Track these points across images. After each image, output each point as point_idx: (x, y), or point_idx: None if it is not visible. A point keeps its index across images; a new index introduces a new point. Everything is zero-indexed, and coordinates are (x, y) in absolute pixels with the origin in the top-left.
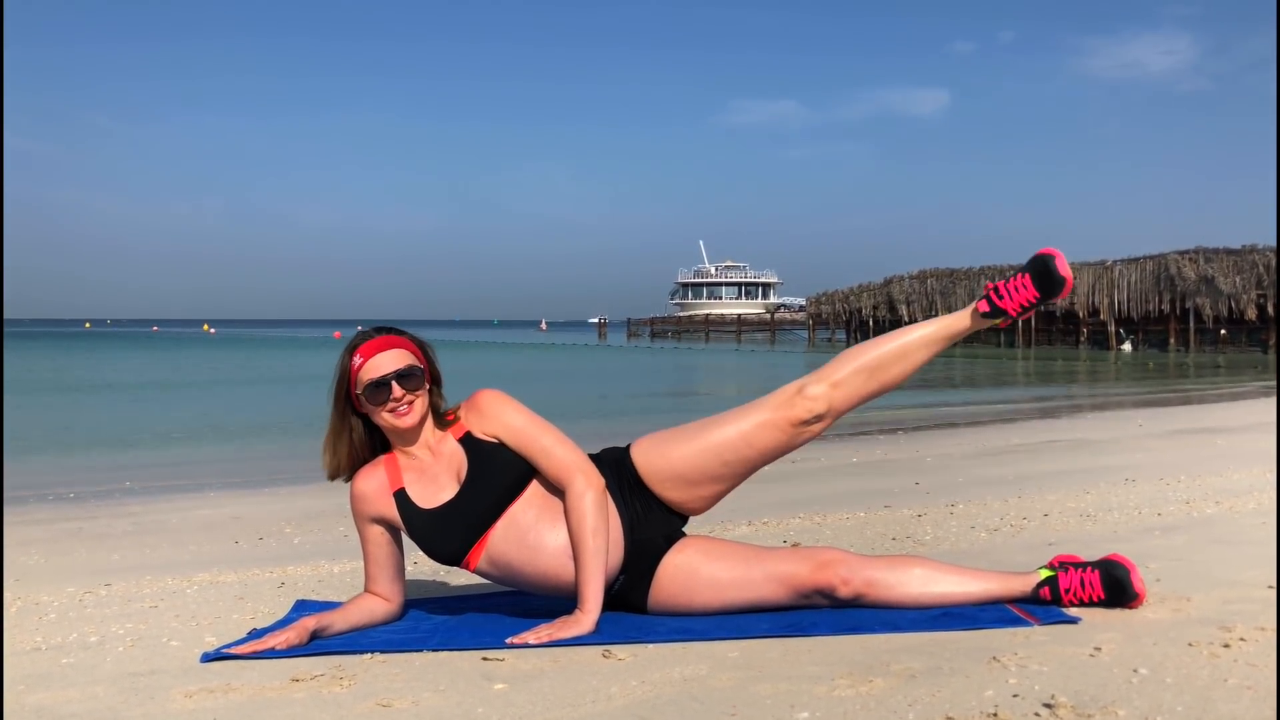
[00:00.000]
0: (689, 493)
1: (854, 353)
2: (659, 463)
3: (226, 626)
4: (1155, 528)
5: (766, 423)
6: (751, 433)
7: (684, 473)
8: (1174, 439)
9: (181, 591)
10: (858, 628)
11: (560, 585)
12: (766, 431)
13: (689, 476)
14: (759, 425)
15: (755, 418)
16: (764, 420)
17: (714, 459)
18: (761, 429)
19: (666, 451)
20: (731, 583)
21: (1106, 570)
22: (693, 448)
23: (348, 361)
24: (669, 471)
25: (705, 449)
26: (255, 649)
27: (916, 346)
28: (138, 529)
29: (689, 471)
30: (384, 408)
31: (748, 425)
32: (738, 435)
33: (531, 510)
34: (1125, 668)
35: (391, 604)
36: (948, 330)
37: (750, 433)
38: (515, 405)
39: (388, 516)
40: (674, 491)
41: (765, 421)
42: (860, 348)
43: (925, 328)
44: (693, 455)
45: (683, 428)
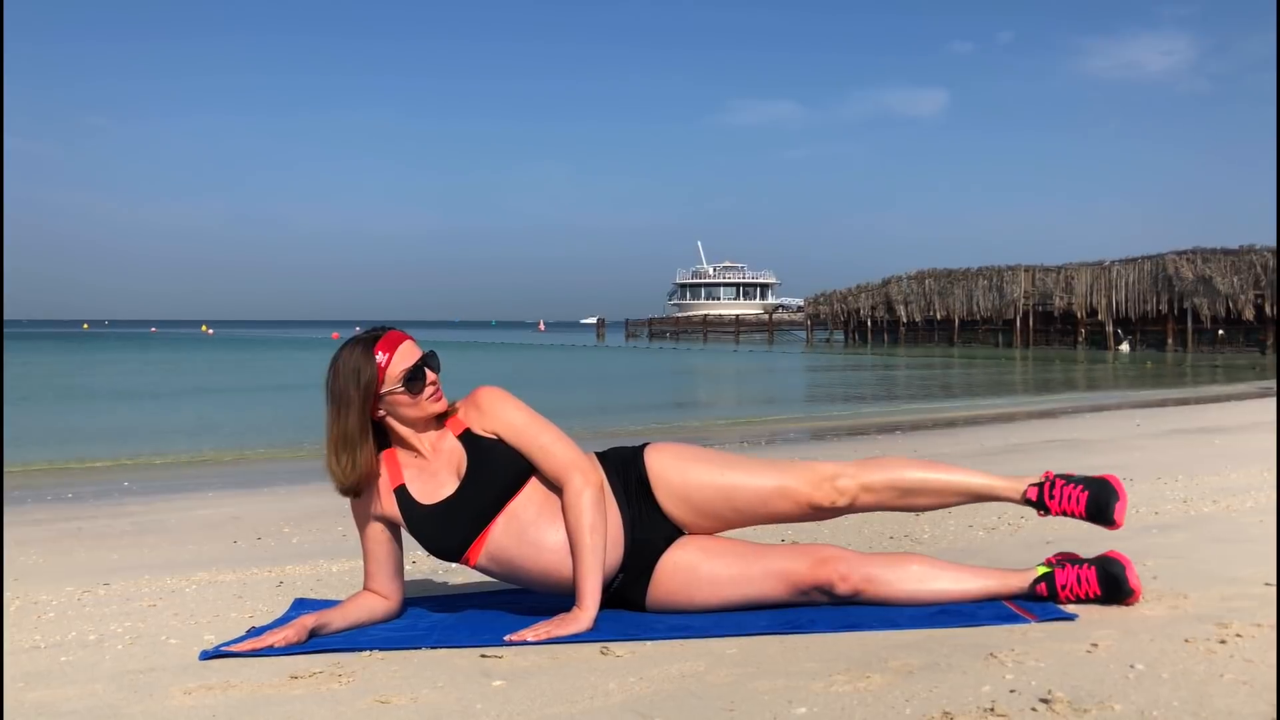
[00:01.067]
0: (689, 516)
1: (896, 465)
2: (674, 478)
3: (225, 625)
4: (1153, 526)
5: (788, 492)
6: (770, 495)
7: (693, 499)
8: (1171, 438)
9: (180, 590)
10: (856, 624)
11: (560, 582)
12: (783, 501)
13: (697, 505)
14: (779, 491)
15: (779, 481)
16: (786, 489)
17: (725, 502)
18: (780, 496)
19: (684, 470)
20: (730, 580)
21: (1103, 567)
22: (709, 480)
23: (369, 362)
24: (680, 490)
25: (721, 488)
26: (254, 647)
27: (954, 490)
28: (136, 528)
29: (698, 501)
30: (423, 395)
31: (769, 485)
32: (755, 491)
33: (532, 507)
34: (1122, 663)
35: (390, 602)
36: (990, 492)
37: (769, 495)
38: (515, 402)
39: (388, 513)
40: (676, 508)
41: (787, 490)
42: (904, 464)
43: (971, 478)
44: (707, 487)
45: (706, 454)
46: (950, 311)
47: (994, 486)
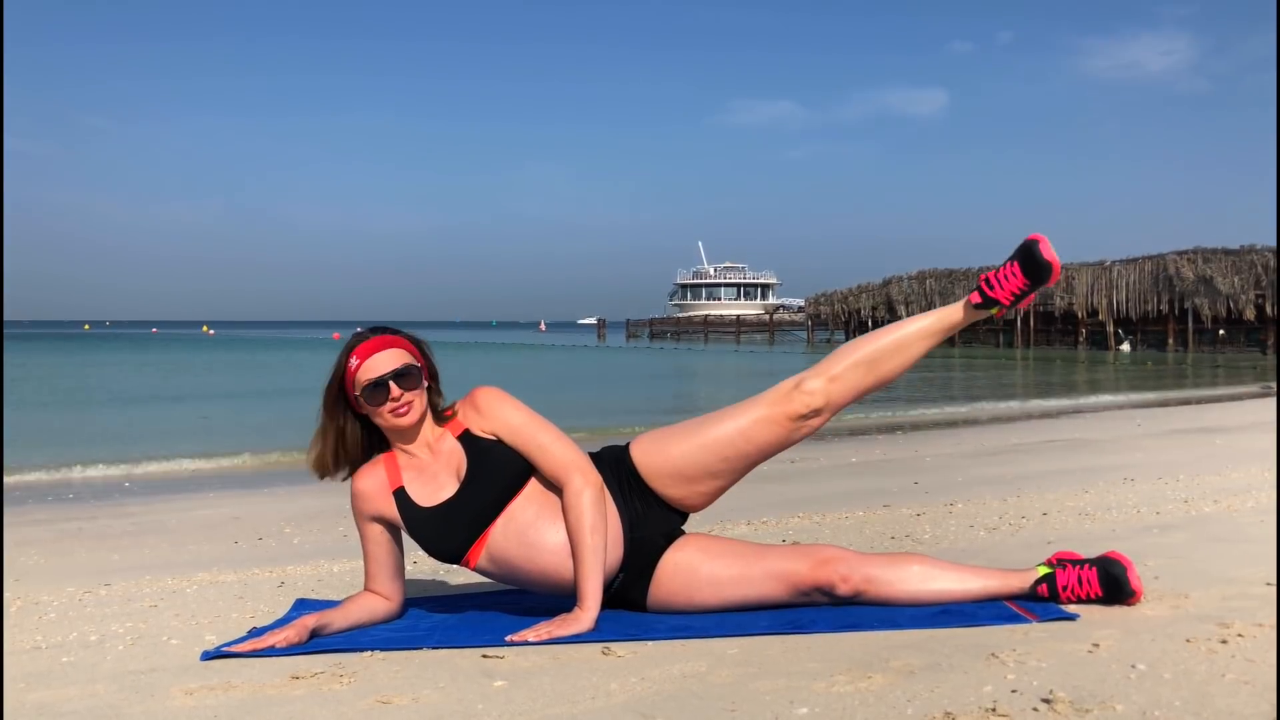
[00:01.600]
0: (688, 489)
1: (850, 347)
2: (658, 460)
3: (226, 625)
4: (1154, 526)
5: (764, 418)
6: (750, 429)
7: (683, 469)
8: (1172, 438)
9: (181, 591)
10: (857, 625)
11: (560, 583)
12: (764, 427)
13: (688, 473)
14: (757, 421)
15: (753, 414)
16: (762, 416)
17: (713, 455)
18: (759, 425)
19: (665, 449)
20: (731, 580)
21: (1104, 567)
22: (691, 444)
23: (345, 363)
24: (668, 468)
25: (704, 445)
26: (255, 647)
27: (913, 339)
28: (137, 529)
29: (688, 468)
30: (384, 408)
31: (746, 421)
32: (736, 431)
33: (531, 507)
34: (1123, 663)
35: (391, 602)
36: (943, 322)
37: (748, 429)
38: (514, 403)
39: (387, 515)
40: (673, 488)
41: (763, 417)
42: (857, 342)
43: (921, 320)
44: (692, 452)
45: (681, 425)
46: None
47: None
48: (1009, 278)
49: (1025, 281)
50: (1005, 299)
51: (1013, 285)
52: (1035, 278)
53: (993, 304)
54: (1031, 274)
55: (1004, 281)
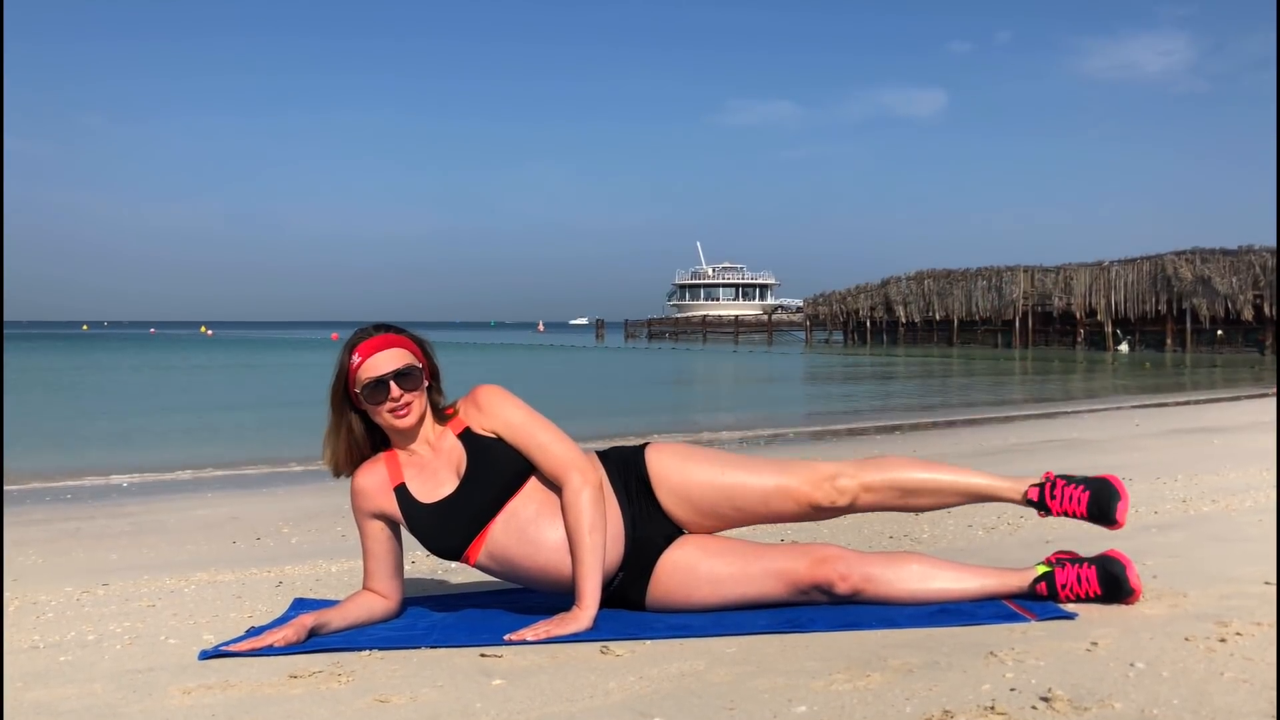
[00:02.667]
0: (690, 515)
1: (897, 465)
2: (675, 478)
3: (224, 625)
4: (1152, 525)
5: (789, 492)
6: (770, 494)
7: (694, 498)
8: (1171, 438)
9: (179, 591)
10: (855, 624)
11: (560, 580)
12: (784, 500)
13: (697, 504)
14: (780, 491)
15: (780, 481)
16: (787, 488)
17: (727, 502)
18: (781, 495)
19: (685, 469)
20: (729, 579)
21: (1103, 566)
22: (710, 480)
23: (347, 359)
24: (681, 490)
25: (721, 487)
26: (253, 646)
27: (955, 491)
28: (135, 529)
29: (699, 500)
30: (382, 407)
31: (769, 485)
32: (758, 491)
33: (532, 505)
34: (1122, 662)
35: (390, 601)
36: (990, 492)
37: (770, 495)
38: (514, 401)
39: (388, 512)
40: (677, 507)
41: (788, 490)
42: (905, 464)
43: (972, 478)
44: (707, 486)
45: (707, 453)
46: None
47: (994, 487)
48: (1071, 500)
49: (1084, 516)
50: (1056, 513)
51: (1071, 508)
52: (1096, 519)
53: (1043, 508)
54: (1095, 516)
55: (1065, 500)
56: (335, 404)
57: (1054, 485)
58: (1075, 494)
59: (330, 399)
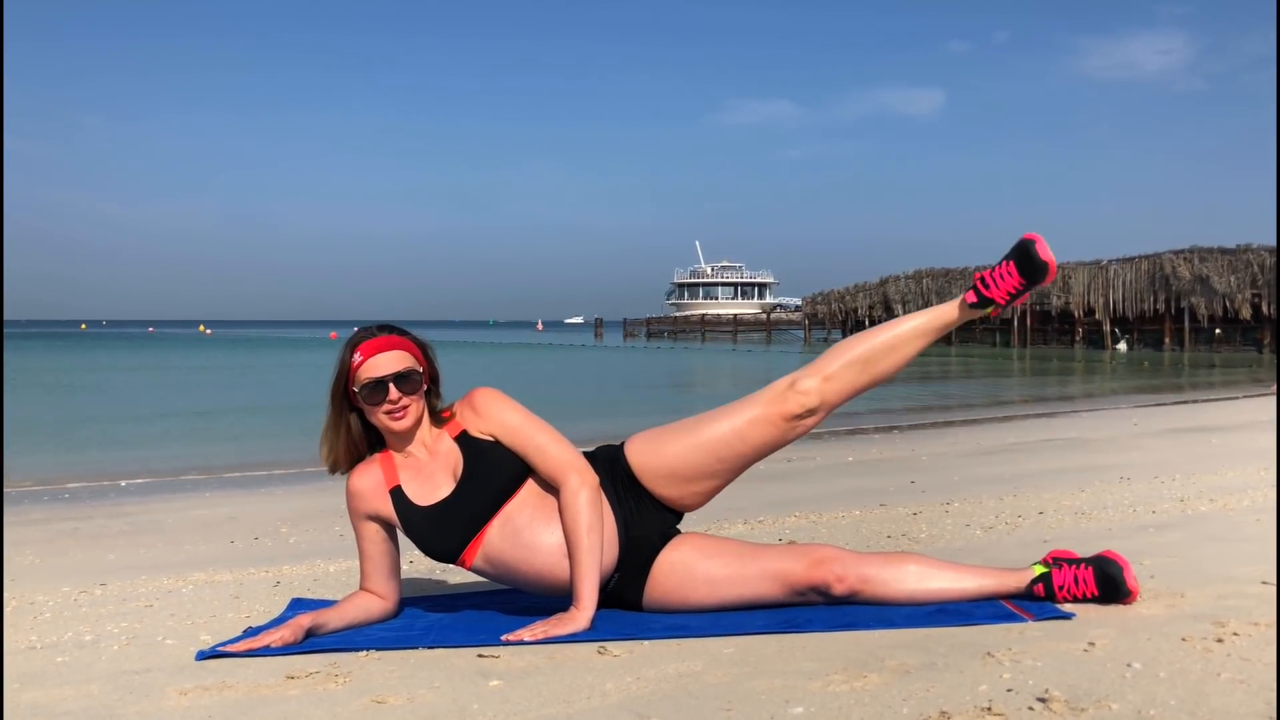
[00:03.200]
0: (683, 489)
1: (845, 346)
2: (653, 460)
3: (222, 625)
4: (1150, 525)
5: (759, 418)
6: (744, 428)
7: (678, 469)
8: (1168, 437)
9: (177, 591)
10: (852, 624)
11: (556, 583)
12: (759, 427)
13: (683, 473)
14: (751, 421)
15: (747, 413)
16: (756, 416)
17: (708, 455)
18: (754, 424)
19: (660, 448)
20: (726, 580)
21: (1100, 567)
22: (686, 444)
23: (348, 358)
24: (663, 468)
25: (699, 445)
26: (250, 647)
27: (908, 338)
28: (133, 529)
29: (683, 468)
30: (379, 409)
31: (740, 421)
32: (731, 431)
33: (527, 508)
34: (1119, 662)
35: (387, 602)
36: (938, 321)
37: (743, 429)
38: (511, 404)
39: (384, 514)
40: (668, 488)
41: (758, 417)
42: (851, 340)
43: (916, 319)
44: (686, 452)
45: (675, 425)
46: None
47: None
48: (1005, 277)
49: (1021, 281)
50: (1001, 298)
51: (1008, 284)
52: (1031, 277)
53: (988, 303)
54: (1027, 273)
55: (999, 281)
56: (335, 401)
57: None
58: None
59: (330, 396)
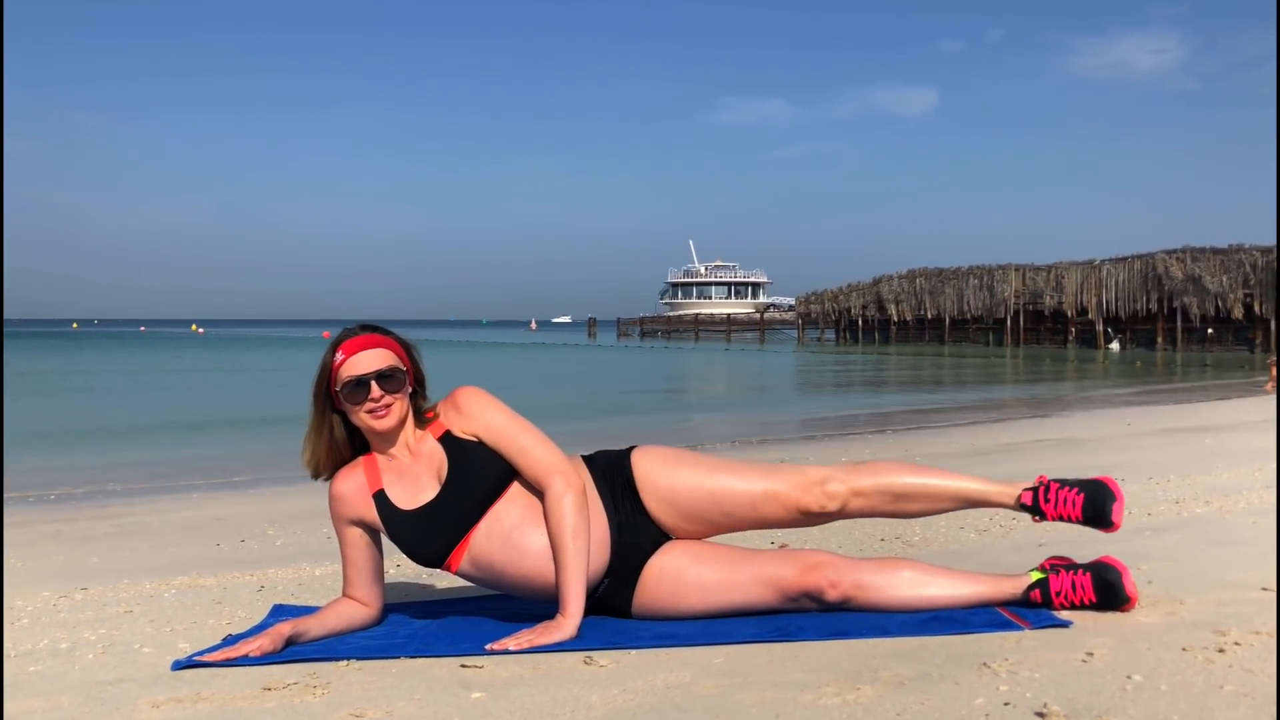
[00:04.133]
0: (677, 520)
1: (889, 470)
2: (661, 482)
3: (202, 632)
4: (1146, 528)
5: (777, 497)
6: (759, 499)
7: (681, 503)
8: (1162, 437)
9: (159, 596)
10: (846, 632)
11: (545, 588)
12: (772, 505)
13: (684, 509)
14: (768, 496)
15: (768, 485)
16: (775, 493)
17: (715, 506)
18: (770, 500)
19: (671, 474)
20: (717, 585)
21: (1098, 573)
22: (698, 483)
23: (330, 357)
24: (667, 494)
25: (710, 493)
26: (228, 656)
27: (947, 496)
28: (118, 531)
29: (685, 504)
30: (361, 408)
31: (757, 490)
32: (746, 496)
33: (515, 510)
34: (1118, 674)
35: (370, 609)
36: (983, 498)
37: (758, 499)
38: (495, 404)
39: (367, 518)
40: (662, 512)
41: (776, 495)
42: (897, 468)
43: (965, 483)
44: (694, 490)
45: (695, 457)
46: (941, 310)
47: (987, 492)
48: (1066, 503)
49: (1079, 517)
50: (1051, 517)
51: (1065, 511)
52: (1091, 521)
53: (1037, 513)
54: (1090, 518)
55: (1060, 504)
56: (317, 403)
57: (1047, 489)
58: (1069, 496)
59: (313, 397)
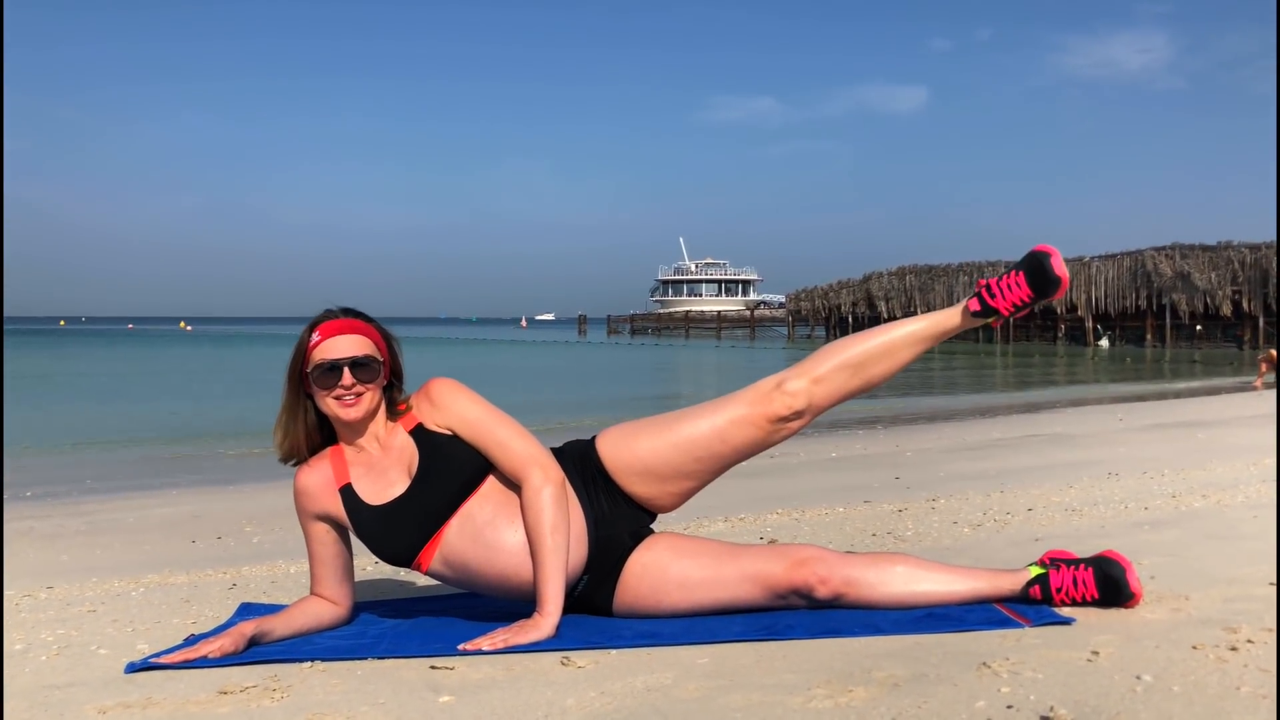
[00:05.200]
0: (658, 488)
1: (837, 347)
2: (627, 456)
3: (164, 632)
4: (1144, 522)
5: (742, 418)
6: (726, 428)
7: (653, 467)
8: (1154, 432)
9: (125, 594)
10: (837, 630)
11: (520, 586)
12: (742, 427)
13: (658, 471)
14: (734, 421)
15: (730, 413)
16: (740, 415)
17: (685, 455)
18: (736, 425)
19: (634, 445)
20: (702, 582)
21: (1101, 568)
22: (663, 441)
23: (306, 338)
24: (637, 465)
25: (676, 444)
26: (186, 657)
27: (903, 344)
28: (91, 528)
29: (659, 466)
30: (330, 394)
31: (722, 420)
32: (711, 430)
33: (488, 506)
34: (1127, 674)
35: (339, 607)
36: (936, 328)
37: (724, 428)
38: (470, 395)
39: (333, 513)
40: (641, 486)
41: (741, 417)
42: (844, 342)
43: (913, 324)
44: (663, 449)
45: (652, 420)
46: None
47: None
48: (1013, 288)
49: (1030, 294)
50: (1005, 309)
51: (1016, 295)
52: (1041, 291)
53: (991, 313)
54: (1038, 287)
55: (1006, 291)
56: (291, 384)
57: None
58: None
59: (286, 378)
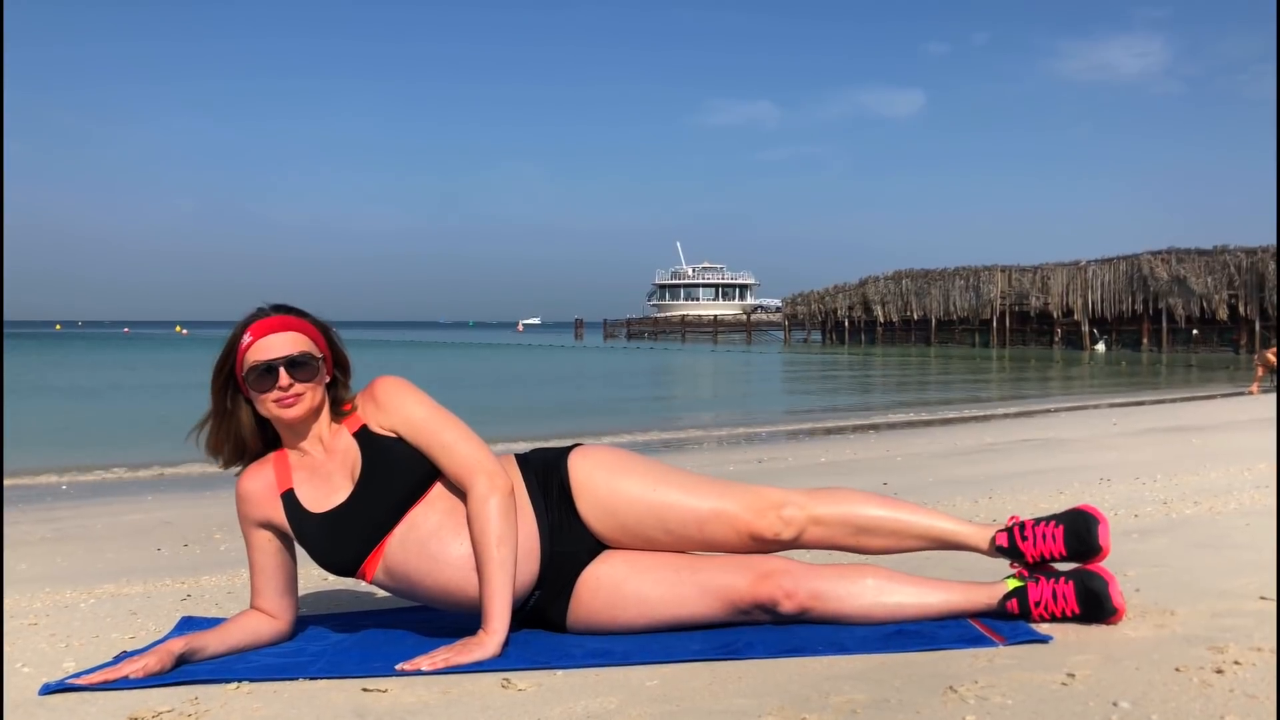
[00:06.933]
0: (614, 532)
1: (853, 499)
2: (600, 489)
3: (98, 649)
4: (1133, 530)
5: (727, 518)
6: (706, 518)
7: (619, 514)
8: (1148, 437)
9: (74, 606)
10: (799, 649)
11: (465, 600)
12: (721, 526)
13: (623, 521)
14: (718, 516)
15: (718, 505)
16: (726, 514)
17: (656, 522)
18: (719, 521)
19: (612, 481)
20: (659, 599)
21: (1082, 581)
22: (640, 494)
23: (237, 339)
24: (606, 502)
25: (652, 505)
26: (105, 678)
27: (914, 534)
28: (57, 535)
29: (625, 516)
30: (268, 395)
31: (705, 508)
32: (693, 516)
33: (434, 515)
34: (1103, 699)
35: (279, 622)
36: (954, 537)
37: (706, 520)
38: (417, 395)
39: (275, 521)
40: (599, 521)
41: (727, 516)
42: (863, 498)
43: (934, 520)
44: (636, 503)
45: (640, 464)
46: (927, 311)
47: (959, 533)
48: (1046, 538)
49: (1063, 553)
50: (1031, 557)
51: (1046, 548)
52: (1077, 557)
53: (1016, 555)
54: (1075, 551)
55: (1039, 540)
56: (215, 387)
57: (1022, 527)
58: (1048, 531)
59: (211, 380)
